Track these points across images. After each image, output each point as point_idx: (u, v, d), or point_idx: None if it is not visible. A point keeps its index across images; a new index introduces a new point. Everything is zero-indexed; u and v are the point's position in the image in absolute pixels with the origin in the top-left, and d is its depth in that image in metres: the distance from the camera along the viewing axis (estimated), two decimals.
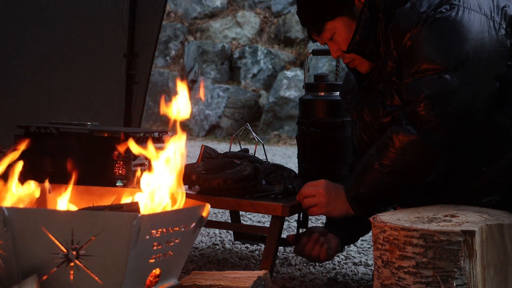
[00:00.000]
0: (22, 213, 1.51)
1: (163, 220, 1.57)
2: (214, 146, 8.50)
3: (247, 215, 3.50)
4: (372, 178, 1.90)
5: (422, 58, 1.81)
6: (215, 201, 2.10)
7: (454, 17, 1.79)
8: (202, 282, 1.69)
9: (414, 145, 1.81)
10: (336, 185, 2.05)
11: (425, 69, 1.80)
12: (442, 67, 1.78)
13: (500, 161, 1.84)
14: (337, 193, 2.02)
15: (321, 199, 2.03)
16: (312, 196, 2.05)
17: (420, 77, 1.81)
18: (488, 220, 1.63)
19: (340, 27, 1.99)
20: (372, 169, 1.90)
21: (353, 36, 1.97)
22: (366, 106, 2.04)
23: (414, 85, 1.82)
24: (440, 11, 1.80)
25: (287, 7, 11.16)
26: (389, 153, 1.85)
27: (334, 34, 2.01)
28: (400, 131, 1.83)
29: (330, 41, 2.05)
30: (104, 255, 1.48)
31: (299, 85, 9.78)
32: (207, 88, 10.67)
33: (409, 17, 1.85)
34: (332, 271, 2.49)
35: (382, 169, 1.87)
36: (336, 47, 2.04)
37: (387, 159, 1.86)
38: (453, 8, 1.80)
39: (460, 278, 1.54)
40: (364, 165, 1.94)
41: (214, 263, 2.53)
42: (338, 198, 2.01)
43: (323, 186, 2.05)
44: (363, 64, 2.04)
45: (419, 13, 1.83)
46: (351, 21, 1.98)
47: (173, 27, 11.64)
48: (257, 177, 2.16)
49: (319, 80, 2.55)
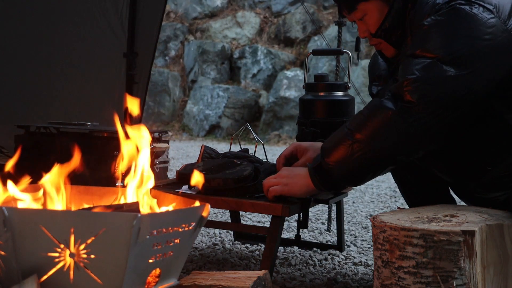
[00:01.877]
0: (22, 213, 1.51)
1: (163, 220, 1.57)
2: (214, 146, 8.51)
3: (247, 215, 3.50)
4: (340, 148, 1.85)
5: (423, 43, 1.79)
6: (215, 201, 2.10)
7: (468, 11, 1.76)
8: (202, 282, 1.69)
9: (387, 120, 1.77)
10: (298, 167, 2.05)
11: (423, 55, 1.77)
12: (440, 56, 1.75)
13: (506, 160, 1.84)
14: (298, 171, 2.01)
15: (282, 178, 2.01)
16: (273, 180, 2.04)
17: (414, 58, 1.79)
18: (488, 220, 1.63)
19: (372, 9, 1.97)
20: (342, 139, 1.85)
21: (383, 22, 1.95)
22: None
23: (406, 65, 1.80)
24: (457, 3, 1.77)
25: (287, 7, 11.16)
26: (361, 123, 1.82)
27: (365, 15, 1.98)
28: (379, 103, 1.80)
29: (359, 21, 2.02)
30: (104, 255, 1.48)
31: (299, 85, 9.78)
32: (207, 88, 10.66)
33: (426, 7, 1.84)
34: (332, 271, 2.49)
35: (352, 139, 1.82)
36: (365, 27, 2.02)
37: (358, 129, 1.82)
38: (470, 3, 1.77)
39: (460, 278, 1.54)
40: (335, 135, 1.90)
41: (214, 263, 2.53)
42: (298, 175, 1.98)
43: (283, 169, 2.06)
44: (388, 49, 2.02)
45: (435, 3, 1.82)
46: (384, 6, 1.96)
47: (173, 27, 11.64)
48: (257, 177, 2.16)
49: (319, 80, 2.55)
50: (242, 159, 2.31)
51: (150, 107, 10.81)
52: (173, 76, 11.27)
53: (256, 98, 10.47)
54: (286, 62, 10.70)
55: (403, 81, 1.77)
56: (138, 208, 1.67)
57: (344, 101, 2.52)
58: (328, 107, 2.48)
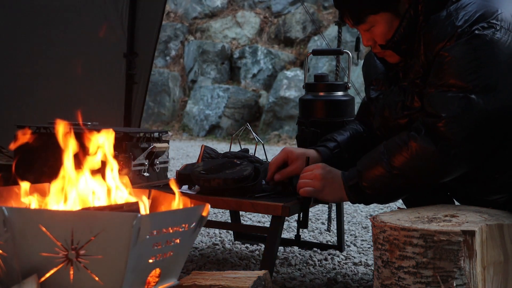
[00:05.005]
0: (22, 213, 1.51)
1: (163, 220, 1.57)
2: (214, 146, 8.51)
3: (247, 215, 3.50)
4: (377, 175, 1.91)
5: (451, 73, 1.80)
6: (215, 201, 2.10)
7: (490, 37, 1.77)
8: (202, 282, 1.69)
9: (429, 156, 1.82)
10: (332, 170, 2.06)
11: (452, 85, 1.79)
12: (469, 86, 1.77)
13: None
14: (333, 179, 2.03)
15: (317, 184, 2.04)
16: (309, 180, 2.06)
17: (445, 91, 1.81)
18: (488, 220, 1.63)
19: (381, 21, 1.96)
20: (379, 167, 1.90)
21: (394, 34, 1.95)
22: (387, 105, 2.03)
23: (438, 98, 1.82)
24: (477, 28, 1.78)
25: (287, 7, 11.16)
26: (401, 156, 1.87)
27: (372, 26, 1.98)
28: (418, 140, 1.84)
29: (365, 31, 2.02)
30: (104, 255, 1.48)
31: (299, 85, 9.79)
32: (207, 88, 10.66)
33: (444, 27, 1.83)
34: (332, 271, 2.49)
35: (390, 169, 1.88)
36: (370, 36, 2.01)
37: (397, 162, 1.87)
38: (491, 27, 1.78)
39: (460, 278, 1.54)
40: (372, 160, 1.94)
41: (214, 263, 2.53)
42: (334, 184, 2.03)
43: (319, 170, 2.06)
44: (393, 57, 2.02)
45: (455, 26, 1.81)
46: (394, 18, 1.95)
47: (173, 27, 11.64)
48: (257, 177, 2.16)
49: (319, 80, 2.55)
50: (242, 159, 2.31)
51: (150, 107, 10.82)
52: (173, 76, 11.27)
53: (256, 98, 10.48)
54: (286, 62, 10.70)
55: (438, 119, 1.81)
56: (138, 208, 1.67)
57: (344, 101, 2.52)
58: (328, 107, 2.48)
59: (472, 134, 1.79)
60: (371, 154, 1.97)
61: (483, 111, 1.78)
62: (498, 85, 1.78)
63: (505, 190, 1.90)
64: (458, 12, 1.82)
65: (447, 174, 1.87)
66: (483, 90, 1.77)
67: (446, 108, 1.80)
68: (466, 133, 1.79)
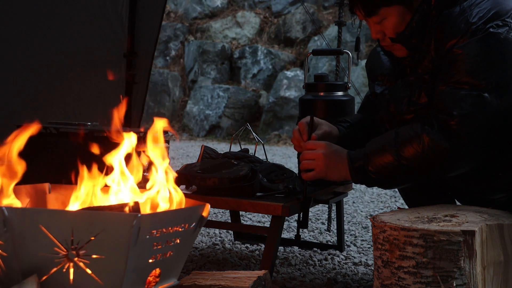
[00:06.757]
0: (22, 213, 1.51)
1: (163, 220, 1.57)
2: (214, 146, 8.51)
3: (247, 215, 3.50)
4: (385, 162, 1.90)
5: (464, 71, 1.79)
6: (215, 201, 2.10)
7: (505, 36, 1.77)
8: (202, 282, 1.69)
9: (440, 152, 1.82)
10: (337, 149, 2.03)
11: (465, 82, 1.79)
12: (483, 84, 1.77)
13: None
14: (337, 159, 2.00)
15: (320, 164, 2.01)
16: (311, 160, 2.03)
17: (458, 88, 1.80)
18: (488, 220, 1.63)
19: (393, 14, 1.94)
20: (388, 154, 1.89)
21: (405, 28, 1.93)
22: (393, 100, 2.02)
23: (450, 96, 1.81)
24: (492, 26, 1.78)
25: (287, 7, 11.16)
26: (411, 148, 1.85)
27: (384, 19, 1.96)
28: (431, 134, 1.82)
29: (375, 23, 1.99)
30: (104, 255, 1.48)
31: (299, 85, 9.78)
32: (207, 88, 10.67)
33: (457, 23, 1.82)
34: (332, 271, 2.49)
35: (398, 159, 1.87)
36: (379, 29, 1.98)
37: (408, 153, 1.85)
38: (505, 25, 1.78)
39: (460, 278, 1.54)
40: (381, 146, 1.92)
41: (214, 263, 2.53)
42: (338, 164, 2.00)
43: (322, 149, 2.03)
44: (401, 50, 2.00)
45: (469, 23, 1.80)
46: (406, 11, 1.93)
47: (173, 27, 11.64)
48: (254, 177, 2.16)
49: (319, 80, 2.55)
50: (240, 160, 2.31)
51: (150, 107, 10.81)
52: (173, 76, 11.27)
53: (256, 98, 10.47)
54: (286, 62, 10.70)
55: (450, 117, 1.80)
56: (138, 208, 1.67)
57: (344, 101, 2.52)
58: (328, 107, 2.48)
59: (484, 132, 1.79)
60: (381, 140, 1.95)
61: (495, 109, 1.78)
62: (511, 84, 1.79)
63: (508, 189, 1.89)
64: (472, 8, 1.81)
65: (454, 170, 1.87)
66: (496, 89, 1.77)
67: (458, 106, 1.79)
68: (479, 132, 1.79)
